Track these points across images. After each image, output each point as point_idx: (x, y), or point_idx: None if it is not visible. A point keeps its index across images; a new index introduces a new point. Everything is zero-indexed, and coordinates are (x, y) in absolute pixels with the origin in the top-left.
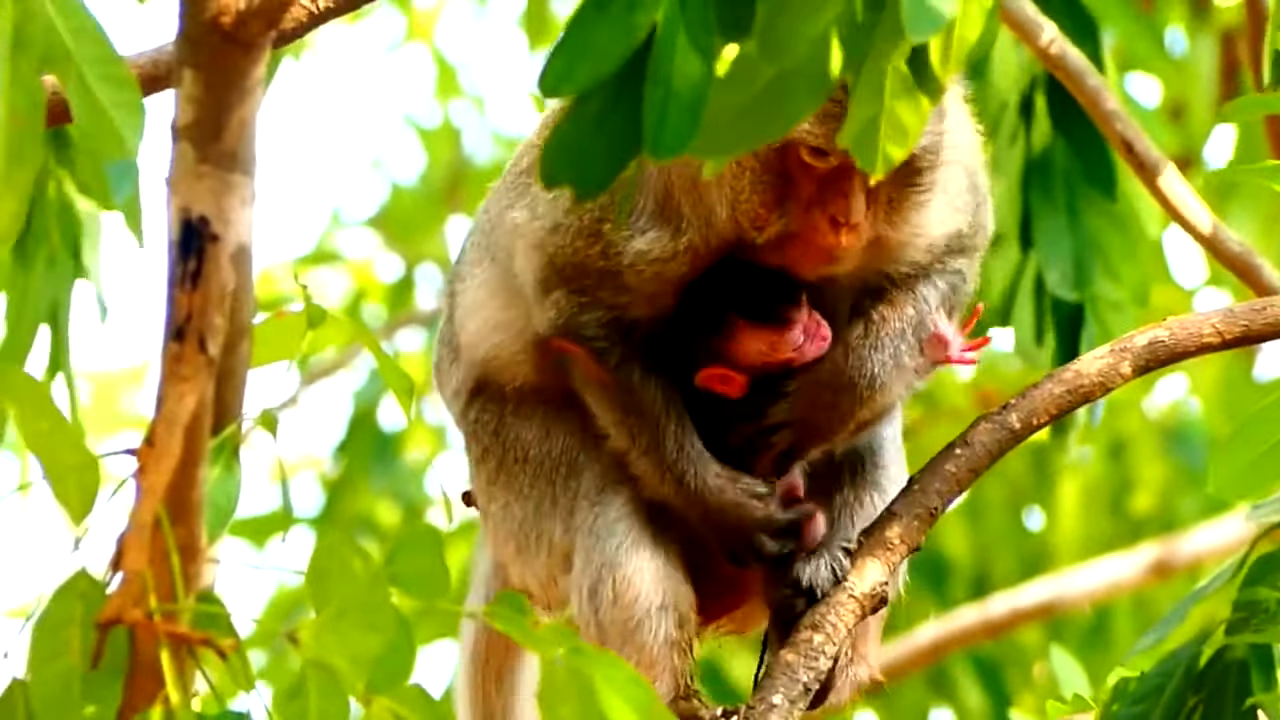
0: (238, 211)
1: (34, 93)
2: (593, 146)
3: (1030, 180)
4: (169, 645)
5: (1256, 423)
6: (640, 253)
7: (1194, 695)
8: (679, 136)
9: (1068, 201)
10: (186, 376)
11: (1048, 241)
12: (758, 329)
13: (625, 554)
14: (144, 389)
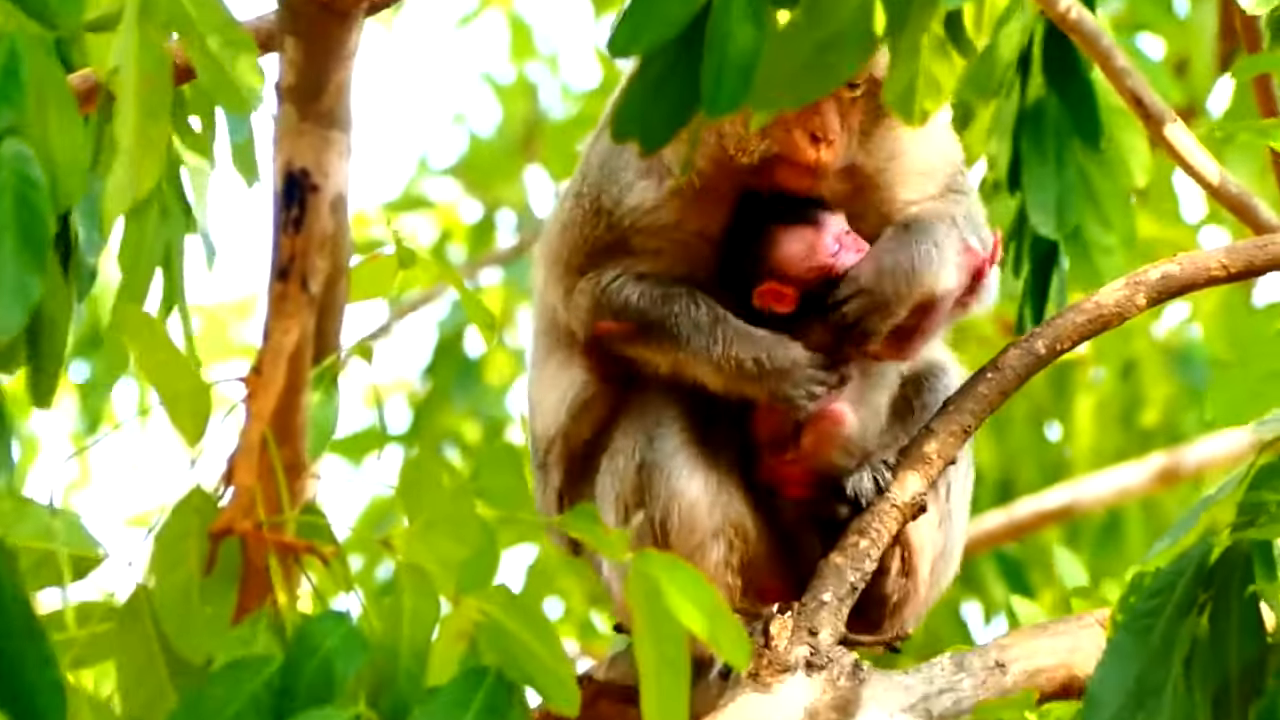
0: (335, 164)
1: (161, 57)
2: (656, 104)
3: (1022, 130)
4: (276, 553)
5: (1252, 355)
6: (633, 208)
7: (1203, 591)
8: (733, 96)
9: (1056, 150)
10: (290, 312)
11: (1035, 185)
12: (794, 230)
13: (684, 485)
14: (252, 320)
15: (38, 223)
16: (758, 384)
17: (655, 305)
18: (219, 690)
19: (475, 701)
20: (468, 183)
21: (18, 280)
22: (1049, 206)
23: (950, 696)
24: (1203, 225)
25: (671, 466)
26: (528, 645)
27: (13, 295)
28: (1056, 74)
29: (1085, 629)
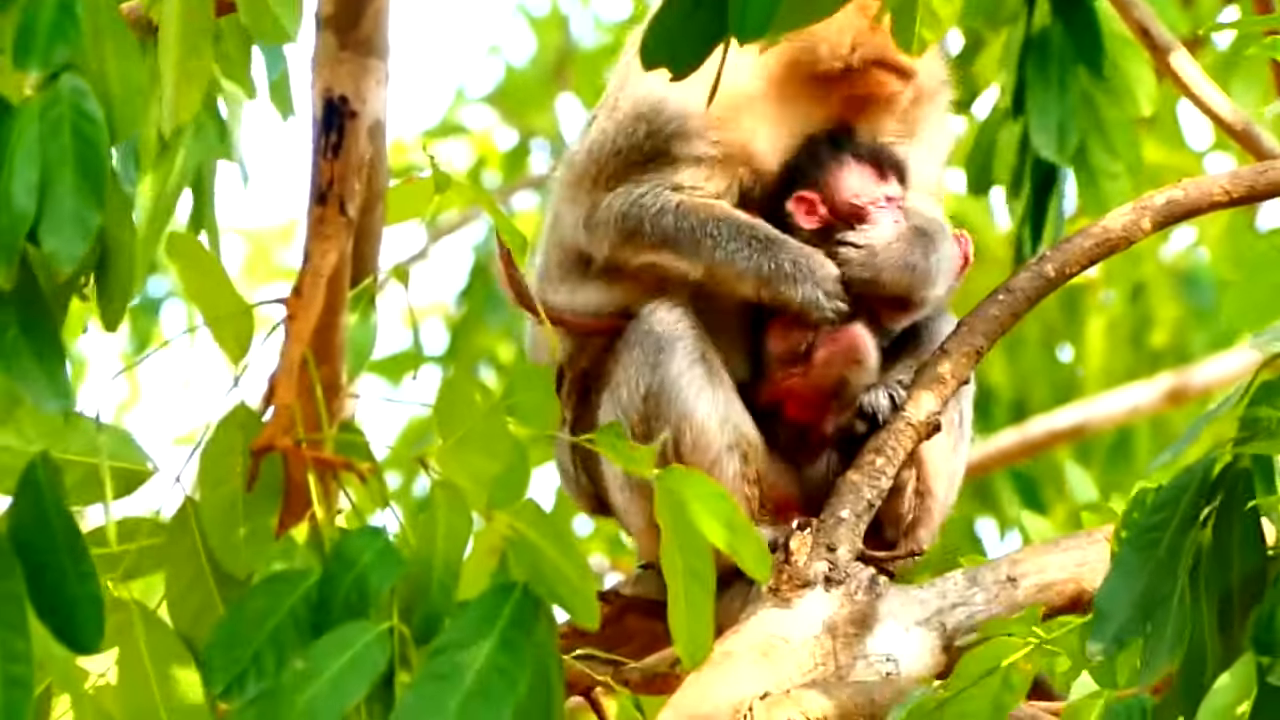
0: (373, 91)
1: None
2: (686, 31)
3: (1028, 57)
4: (315, 469)
5: (1261, 265)
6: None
7: (1206, 504)
8: (760, 22)
9: (1060, 77)
10: (329, 235)
11: (1038, 110)
12: (862, 165)
13: (694, 404)
14: (294, 245)
15: (95, 156)
16: (794, 287)
17: (693, 212)
18: (259, 603)
19: (503, 615)
20: (503, 111)
21: (77, 213)
22: (1051, 130)
23: (963, 610)
24: (1209, 152)
25: (678, 388)
26: (554, 561)
27: (72, 227)
28: (1062, 3)
29: (1094, 544)
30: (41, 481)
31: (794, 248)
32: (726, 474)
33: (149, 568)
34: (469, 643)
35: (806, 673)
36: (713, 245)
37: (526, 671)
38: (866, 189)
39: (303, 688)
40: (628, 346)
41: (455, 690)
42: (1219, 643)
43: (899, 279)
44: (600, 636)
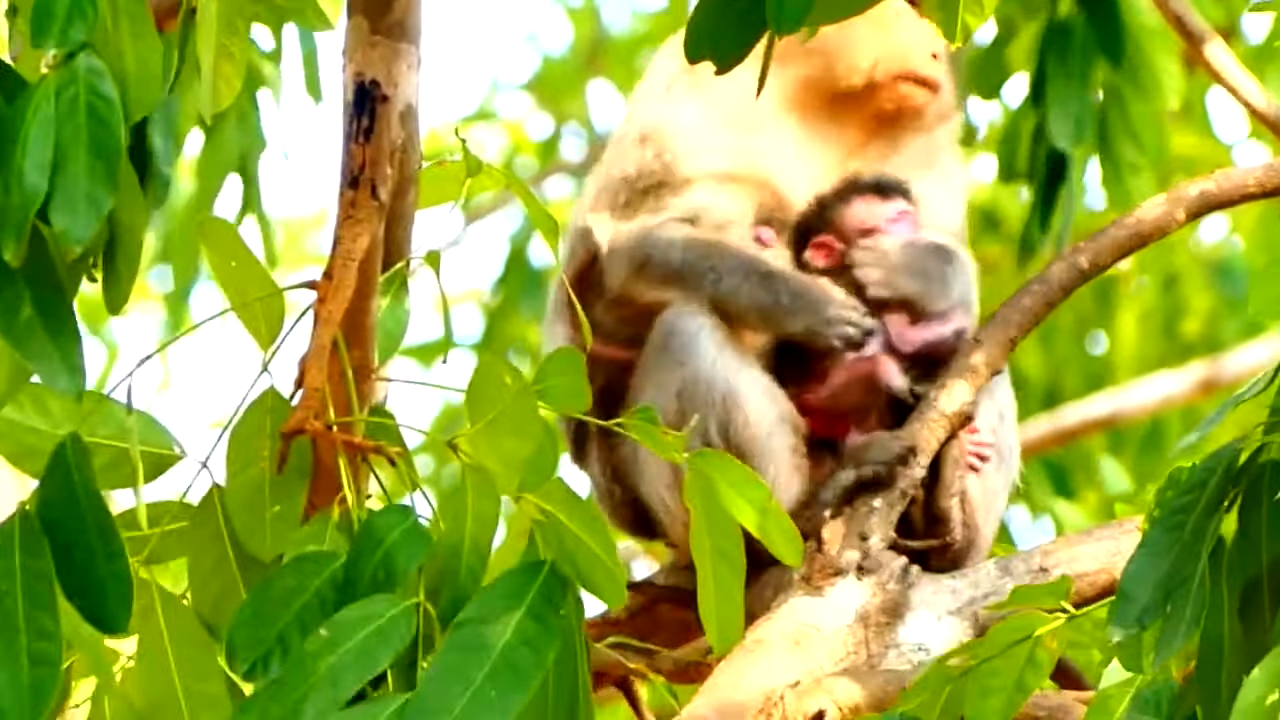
0: (405, 76)
1: None
2: (726, 24)
3: (1049, 47)
4: (345, 453)
5: None
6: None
7: (1234, 488)
8: (797, 13)
9: (1081, 69)
10: (360, 219)
11: (1058, 100)
12: (864, 198)
13: (739, 381)
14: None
15: (109, 137)
16: (794, 320)
17: (699, 246)
18: (286, 584)
19: (530, 590)
20: (537, 98)
21: (89, 193)
22: (1069, 121)
23: (995, 600)
24: (1242, 142)
25: (715, 371)
26: (582, 540)
27: (84, 207)
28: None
29: (1126, 534)
30: (71, 462)
31: (795, 281)
32: (784, 446)
33: (174, 552)
34: (496, 617)
35: (838, 661)
36: (715, 280)
37: (554, 645)
38: (873, 213)
39: (326, 654)
40: (651, 353)
41: (482, 661)
42: (1238, 627)
43: (910, 284)
44: (633, 626)
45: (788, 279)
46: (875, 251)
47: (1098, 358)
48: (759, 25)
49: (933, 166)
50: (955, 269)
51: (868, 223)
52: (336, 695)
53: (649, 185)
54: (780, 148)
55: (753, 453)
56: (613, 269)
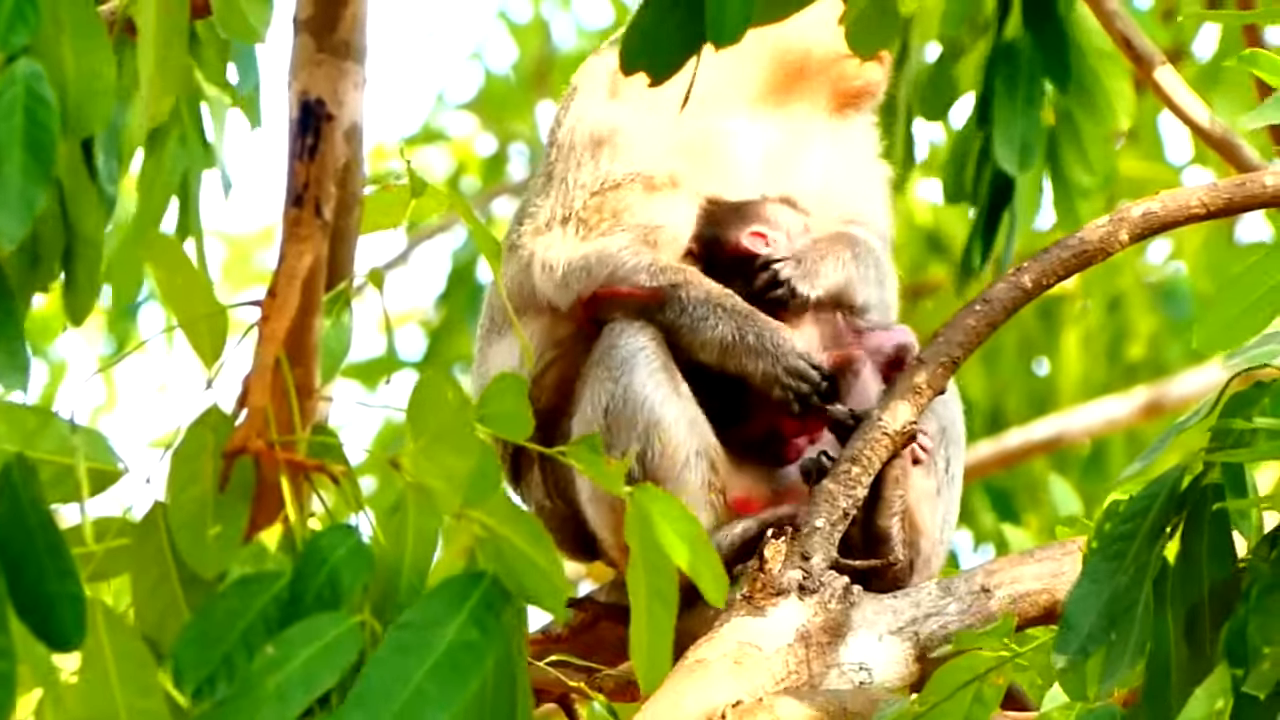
0: (350, 94)
1: None
2: (663, 36)
3: (995, 67)
4: (288, 472)
5: (1234, 286)
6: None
7: (1176, 514)
8: (737, 23)
9: (1027, 90)
10: (304, 237)
11: (1003, 122)
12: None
13: (661, 412)
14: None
15: (45, 137)
16: (755, 360)
17: (667, 273)
18: (230, 604)
19: (471, 597)
20: (483, 117)
21: (22, 191)
22: (1014, 143)
23: (937, 620)
24: (1188, 166)
25: (644, 396)
26: (524, 552)
27: (17, 205)
28: (1033, 15)
29: (1068, 555)
30: (18, 482)
31: (762, 321)
32: (695, 480)
33: (117, 569)
34: (436, 621)
35: (779, 681)
36: (680, 308)
37: (494, 649)
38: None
39: (273, 672)
40: (591, 365)
41: (423, 660)
42: (1184, 652)
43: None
44: (574, 643)
45: (754, 318)
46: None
47: (1041, 380)
48: (696, 37)
49: (870, 158)
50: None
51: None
52: (284, 713)
53: (602, 198)
54: (734, 137)
55: (666, 483)
56: (568, 288)
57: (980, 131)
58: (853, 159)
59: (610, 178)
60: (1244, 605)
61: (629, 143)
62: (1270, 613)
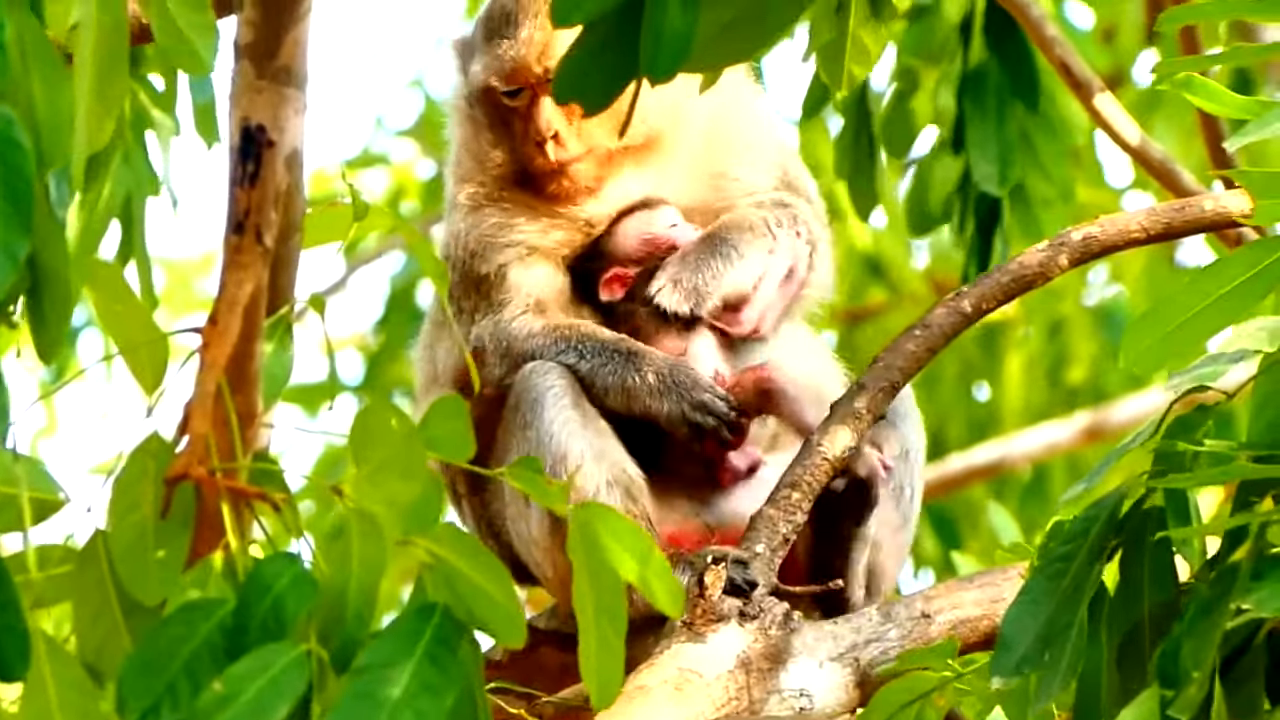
0: (291, 121)
1: (119, 18)
2: (598, 69)
3: (965, 92)
4: (229, 499)
5: (1165, 305)
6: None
7: (1115, 537)
8: (672, 61)
9: (997, 111)
10: (245, 264)
11: (978, 144)
12: (630, 216)
13: (570, 444)
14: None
15: (23, 184)
16: (659, 401)
17: (557, 330)
18: (174, 631)
19: (425, 635)
20: (423, 142)
21: (5, 242)
22: (992, 165)
23: (878, 646)
24: (1130, 189)
25: (550, 433)
26: (475, 582)
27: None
28: (997, 39)
29: (1009, 580)
30: None
31: (659, 360)
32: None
33: (58, 597)
34: (392, 662)
35: (720, 707)
36: (577, 359)
37: (453, 690)
38: (648, 222)
39: (222, 709)
40: (507, 413)
41: (382, 707)
42: (1115, 675)
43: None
44: (514, 669)
45: (654, 359)
46: (675, 280)
47: (982, 405)
48: (630, 70)
49: (737, 133)
50: (730, 245)
51: (646, 233)
52: None
53: (479, 287)
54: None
55: None
56: (483, 369)
57: (956, 157)
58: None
59: (488, 265)
60: (1179, 627)
61: (495, 232)
62: (1202, 636)
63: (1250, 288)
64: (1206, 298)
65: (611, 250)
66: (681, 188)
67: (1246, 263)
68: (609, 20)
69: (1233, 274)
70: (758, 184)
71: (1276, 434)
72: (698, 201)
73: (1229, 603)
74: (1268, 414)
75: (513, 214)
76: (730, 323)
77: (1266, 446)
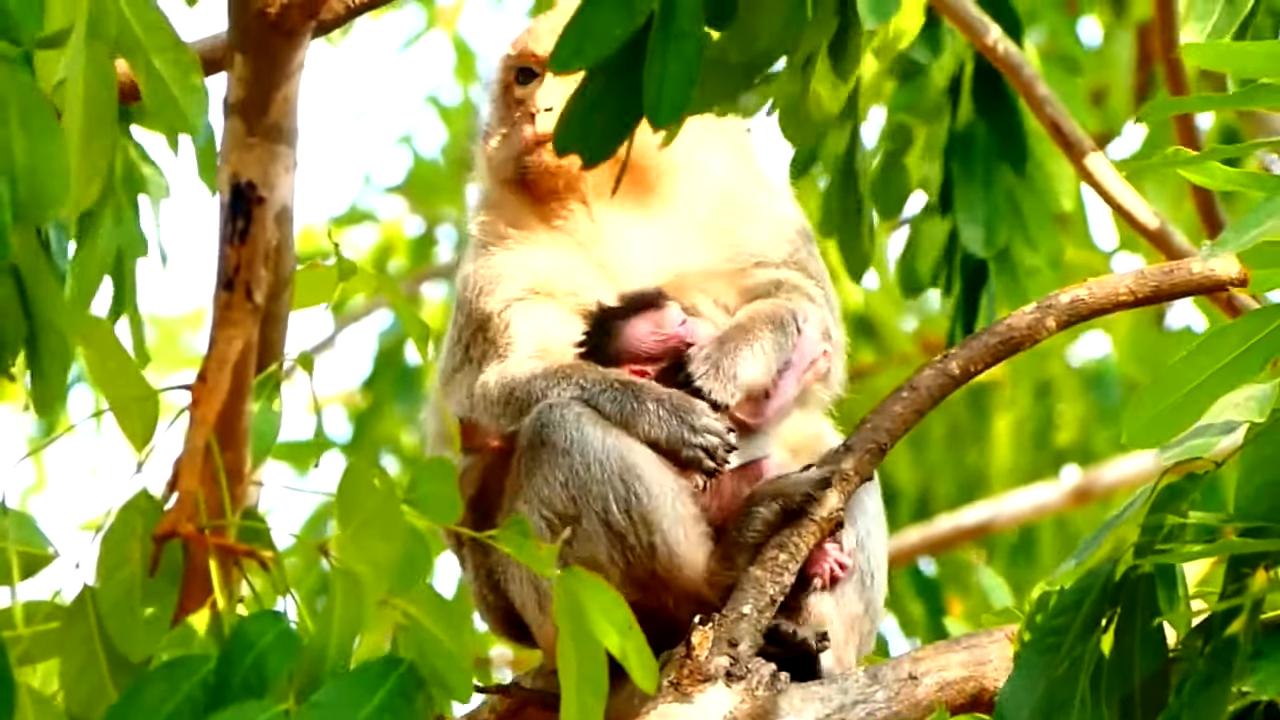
0: (281, 178)
1: (107, 76)
2: (598, 117)
3: (953, 153)
4: (217, 556)
5: (1164, 380)
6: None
7: (1109, 607)
8: (675, 106)
9: (985, 174)
10: (235, 321)
11: (965, 206)
12: (638, 316)
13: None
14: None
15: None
16: (660, 428)
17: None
18: (156, 688)
19: (387, 682)
20: (411, 200)
21: None
22: (979, 227)
23: (864, 708)
24: (1118, 251)
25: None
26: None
27: None
28: (985, 101)
29: (995, 643)
30: None
31: (657, 391)
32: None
33: (45, 653)
34: (352, 703)
35: None
36: (579, 392)
37: None
38: (659, 325)
39: None
40: (528, 451)
41: None
42: None
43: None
44: None
45: (652, 388)
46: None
47: (970, 466)
48: (632, 119)
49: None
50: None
51: (658, 334)
52: None
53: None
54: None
55: (659, 521)
56: (488, 416)
57: (943, 220)
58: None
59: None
60: (1177, 700)
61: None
62: (1201, 709)
63: (1248, 359)
64: (1205, 371)
65: (623, 351)
66: (684, 241)
67: (1244, 334)
68: (610, 68)
69: (1230, 346)
70: (768, 254)
71: (1263, 504)
72: (701, 260)
73: (1231, 684)
74: (1255, 483)
75: (516, 250)
76: (750, 414)
77: (1254, 517)
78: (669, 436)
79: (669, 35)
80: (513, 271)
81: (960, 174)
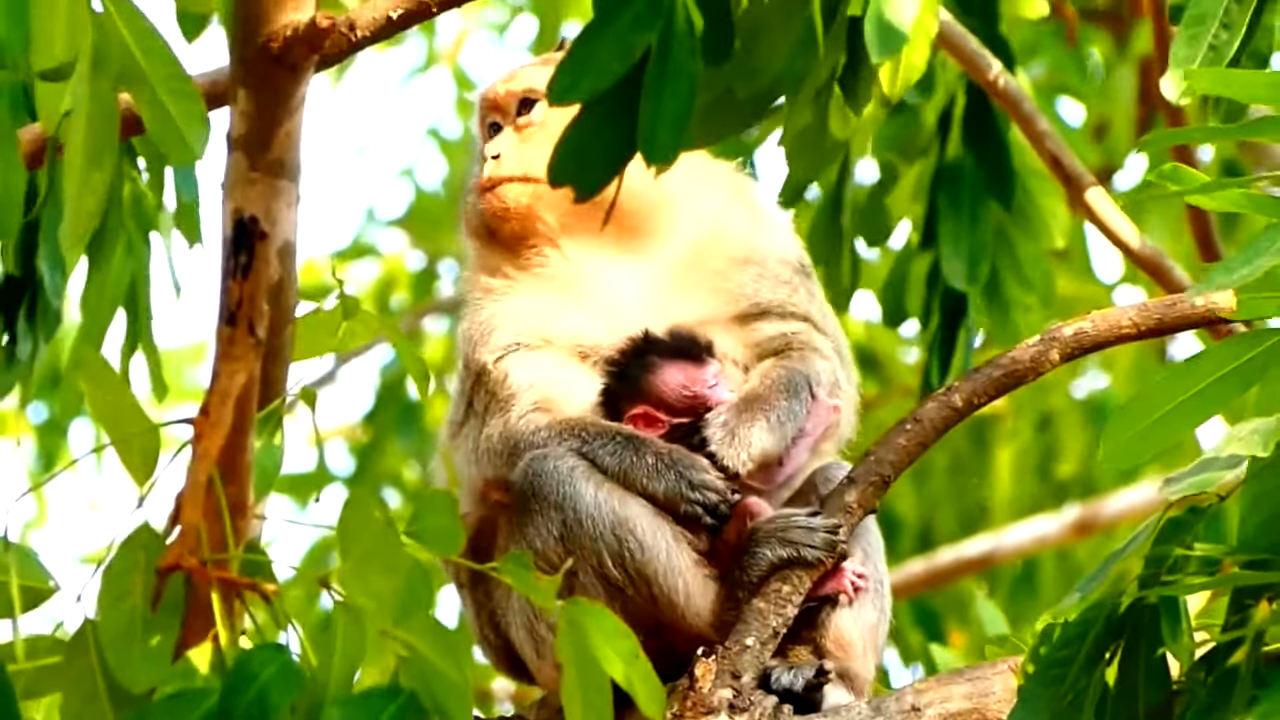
0: (284, 212)
1: (110, 107)
2: (594, 150)
3: (939, 186)
4: (219, 589)
5: (1143, 401)
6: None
7: (1113, 640)
8: (670, 143)
9: (971, 208)
10: (237, 356)
11: (950, 240)
12: (676, 362)
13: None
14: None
15: None
16: (657, 481)
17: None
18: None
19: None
20: (413, 234)
21: None
22: (962, 261)
23: None
24: (1120, 284)
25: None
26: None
27: None
28: (974, 135)
29: (998, 674)
30: None
31: (658, 445)
32: (688, 561)
33: (47, 687)
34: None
35: None
36: (580, 444)
37: None
38: (693, 378)
39: None
40: (521, 503)
41: None
42: None
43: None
44: None
45: (653, 442)
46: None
47: (972, 498)
48: (626, 154)
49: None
50: (774, 412)
51: (688, 389)
52: None
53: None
54: (563, 285)
55: (656, 574)
56: (493, 469)
57: (926, 252)
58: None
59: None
60: None
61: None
62: None
63: (1230, 382)
64: (1186, 391)
65: (647, 389)
66: (669, 279)
67: (1226, 357)
68: (606, 101)
69: (1212, 368)
70: (764, 297)
71: (1266, 537)
72: (694, 302)
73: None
74: (1258, 516)
75: (503, 300)
76: (762, 481)
77: (1257, 549)
78: (667, 490)
79: (665, 71)
80: (501, 321)
81: (946, 208)
